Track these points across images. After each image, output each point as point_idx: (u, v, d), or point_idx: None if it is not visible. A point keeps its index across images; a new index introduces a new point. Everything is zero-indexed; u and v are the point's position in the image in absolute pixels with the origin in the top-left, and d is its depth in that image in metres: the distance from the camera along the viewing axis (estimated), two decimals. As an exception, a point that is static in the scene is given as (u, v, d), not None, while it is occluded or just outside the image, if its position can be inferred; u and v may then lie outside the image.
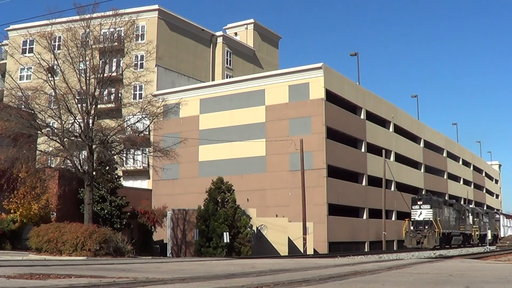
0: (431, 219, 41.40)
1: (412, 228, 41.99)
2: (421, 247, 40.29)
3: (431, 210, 41.99)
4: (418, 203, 42.85)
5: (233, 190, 33.98)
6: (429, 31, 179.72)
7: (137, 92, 45.44)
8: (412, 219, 42.69)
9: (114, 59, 34.93)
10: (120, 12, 28.75)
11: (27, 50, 46.07)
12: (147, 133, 32.43)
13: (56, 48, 29.90)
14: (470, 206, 58.25)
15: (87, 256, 21.48)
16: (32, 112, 26.11)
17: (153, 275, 10.55)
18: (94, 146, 26.73)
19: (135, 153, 36.02)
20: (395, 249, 49.42)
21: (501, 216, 65.58)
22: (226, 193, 33.69)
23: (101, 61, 28.20)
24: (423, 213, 42.05)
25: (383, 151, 49.34)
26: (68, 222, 24.06)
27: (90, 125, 26.42)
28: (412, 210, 43.24)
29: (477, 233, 52.17)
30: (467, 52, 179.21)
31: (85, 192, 26.64)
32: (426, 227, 41.20)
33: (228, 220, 32.34)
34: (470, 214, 52.12)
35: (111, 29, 28.41)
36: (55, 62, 27.13)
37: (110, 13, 28.21)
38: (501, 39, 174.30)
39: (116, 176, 32.09)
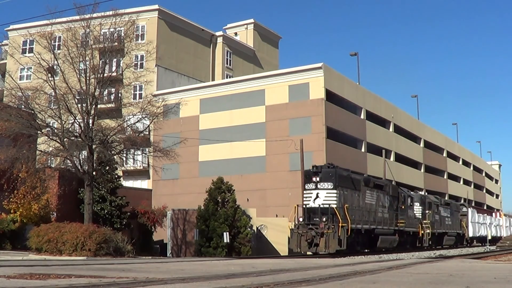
0: (333, 205, 25.55)
1: (301, 220, 26.09)
2: (316, 252, 25.45)
3: (335, 191, 26.00)
4: (314, 179, 26.33)
5: (233, 190, 34.01)
6: (429, 31, 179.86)
7: (137, 92, 45.44)
8: (303, 206, 26.66)
9: (114, 59, 34.98)
10: (120, 12, 28.78)
11: (27, 50, 46.08)
12: (147, 133, 32.44)
13: (56, 48, 29.92)
14: (420, 192, 41.81)
15: (87, 256, 21.47)
16: (32, 112, 26.12)
17: (153, 275, 10.54)
18: (94, 146, 26.74)
19: (135, 153, 36.02)
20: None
21: (470, 210, 49.57)
22: (226, 193, 33.72)
23: (101, 61, 28.21)
24: (321, 195, 25.94)
25: (383, 151, 49.33)
26: (68, 222, 24.05)
27: (90, 125, 26.43)
28: (305, 191, 27.01)
29: (428, 231, 36.70)
30: (467, 52, 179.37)
31: (85, 192, 26.64)
32: (325, 219, 25.21)
33: (228, 220, 32.35)
34: (417, 203, 36.88)
35: (111, 29, 28.43)
36: (55, 62, 27.15)
37: (110, 13, 28.24)
38: (501, 39, 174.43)
39: (116, 176, 32.11)
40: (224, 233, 31.44)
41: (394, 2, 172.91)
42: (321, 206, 25.84)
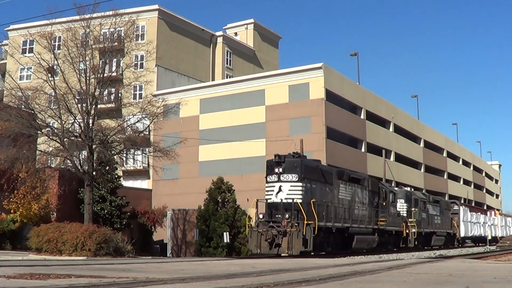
0: (298, 200, 22.38)
1: (261, 217, 23.13)
2: (278, 253, 22.40)
3: (300, 184, 22.74)
4: (277, 170, 23.07)
5: (233, 190, 34.01)
6: (429, 31, 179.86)
7: (137, 92, 45.44)
8: (265, 200, 23.52)
9: (114, 59, 34.97)
10: (120, 12, 28.79)
11: (27, 50, 46.07)
12: (147, 133, 32.43)
13: (56, 48, 29.93)
14: (405, 188, 38.45)
15: (87, 256, 21.47)
16: (32, 112, 26.12)
17: (153, 275, 10.54)
18: (94, 146, 26.73)
19: (135, 153, 36.01)
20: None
21: (461, 208, 46.42)
22: (226, 193, 33.73)
23: (101, 61, 28.22)
24: (284, 189, 22.71)
25: (383, 151, 49.36)
26: (68, 222, 24.04)
27: (90, 125, 26.43)
28: (266, 184, 23.60)
29: (413, 230, 33.76)
30: (467, 52, 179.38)
31: (85, 192, 26.64)
32: (288, 215, 22.11)
33: (228, 220, 32.36)
34: (402, 200, 34.12)
35: (111, 29, 28.44)
36: (55, 62, 27.15)
37: (110, 13, 28.25)
38: (501, 39, 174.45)
39: (116, 176, 32.10)
40: (224, 233, 31.43)
41: (394, 2, 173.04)
42: (284, 201, 22.60)
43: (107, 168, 30.32)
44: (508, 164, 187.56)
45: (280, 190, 22.82)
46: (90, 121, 26.48)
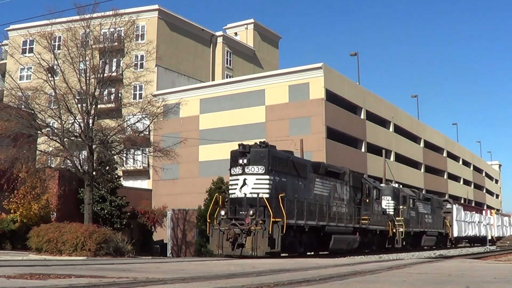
0: (265, 195, 20.05)
1: (223, 214, 20.70)
2: (241, 254, 19.65)
3: (267, 177, 20.36)
4: (241, 161, 20.59)
5: (233, 190, 33.96)
6: (429, 31, 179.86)
7: (137, 92, 45.43)
8: (228, 195, 21.75)
9: (114, 59, 34.94)
10: (120, 12, 28.78)
11: (27, 50, 46.06)
12: (147, 133, 32.40)
13: (56, 48, 29.90)
14: (392, 184, 37.04)
15: (87, 256, 21.44)
16: (32, 112, 26.09)
17: (153, 275, 10.54)
18: (94, 146, 26.71)
19: (135, 153, 35.99)
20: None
21: (455, 206, 44.09)
22: (226, 193, 33.69)
23: (101, 61, 28.19)
24: (249, 182, 20.31)
25: (383, 151, 49.38)
26: (68, 222, 24.00)
27: (90, 125, 26.41)
28: (230, 177, 21.31)
29: (401, 230, 31.62)
30: (467, 52, 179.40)
31: (85, 192, 26.62)
32: (252, 212, 19.70)
33: (228, 220, 32.35)
34: (388, 197, 32.18)
35: (111, 29, 28.42)
36: (55, 62, 27.13)
37: (110, 13, 28.24)
38: (501, 39, 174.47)
39: (116, 176, 32.09)
40: (224, 233, 31.40)
41: (394, 2, 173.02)
42: (248, 195, 20.13)
43: (107, 168, 30.30)
44: (508, 164, 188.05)
45: (244, 183, 20.36)
46: (90, 121, 26.45)
